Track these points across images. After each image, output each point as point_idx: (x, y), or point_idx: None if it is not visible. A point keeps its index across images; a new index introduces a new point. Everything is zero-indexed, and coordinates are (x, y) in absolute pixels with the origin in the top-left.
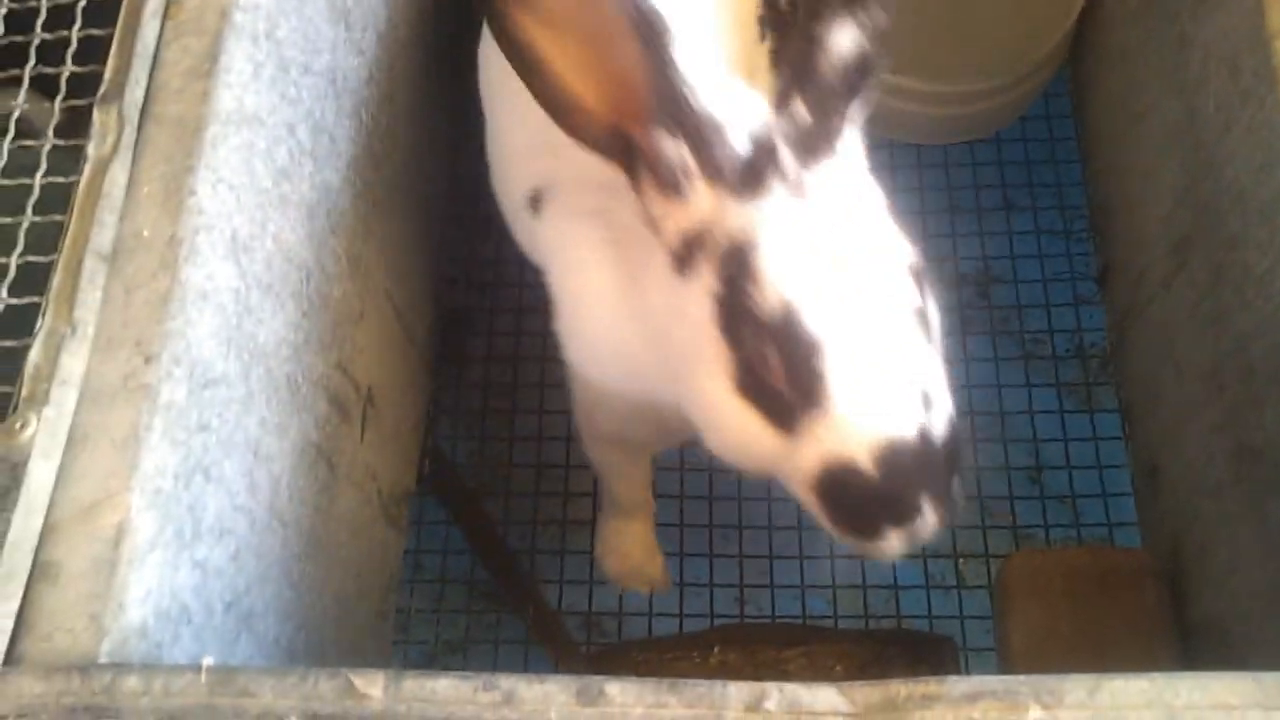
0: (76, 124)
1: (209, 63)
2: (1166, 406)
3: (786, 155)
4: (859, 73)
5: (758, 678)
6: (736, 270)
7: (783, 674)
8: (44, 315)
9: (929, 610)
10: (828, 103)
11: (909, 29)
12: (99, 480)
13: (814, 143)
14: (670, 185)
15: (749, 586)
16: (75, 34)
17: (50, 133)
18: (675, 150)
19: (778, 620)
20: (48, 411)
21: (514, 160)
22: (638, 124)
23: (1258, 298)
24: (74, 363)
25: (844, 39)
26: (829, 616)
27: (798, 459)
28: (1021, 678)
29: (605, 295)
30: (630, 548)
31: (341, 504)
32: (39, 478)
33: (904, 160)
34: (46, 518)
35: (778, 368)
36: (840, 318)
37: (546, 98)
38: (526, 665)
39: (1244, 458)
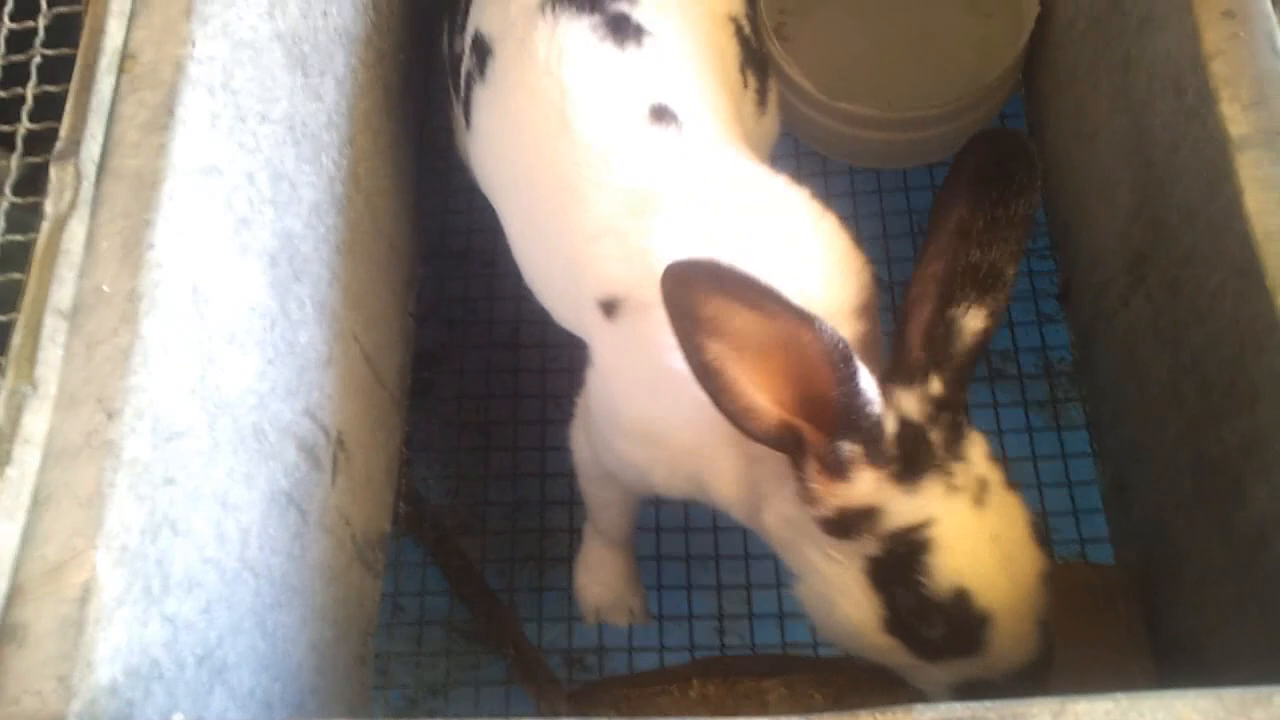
0: (34, 181)
1: (165, 116)
2: (1131, 422)
3: (937, 439)
4: (980, 354)
5: (738, 709)
6: (905, 553)
7: (763, 705)
8: (5, 374)
9: None
10: (960, 381)
11: (865, 57)
12: (64, 539)
13: (958, 422)
14: (836, 473)
15: (728, 617)
16: (31, 91)
17: (8, 190)
18: (849, 448)
19: (757, 650)
20: (10, 471)
21: (564, 261)
22: (821, 428)
23: (1210, 312)
24: (36, 421)
25: (976, 323)
26: (809, 644)
27: (933, 672)
28: (987, 703)
29: (670, 420)
30: (611, 578)
31: (314, 551)
32: (3, 539)
33: (864, 186)
34: (12, 579)
35: (941, 630)
36: (1003, 592)
37: (725, 406)
38: (508, 706)
39: (1206, 471)
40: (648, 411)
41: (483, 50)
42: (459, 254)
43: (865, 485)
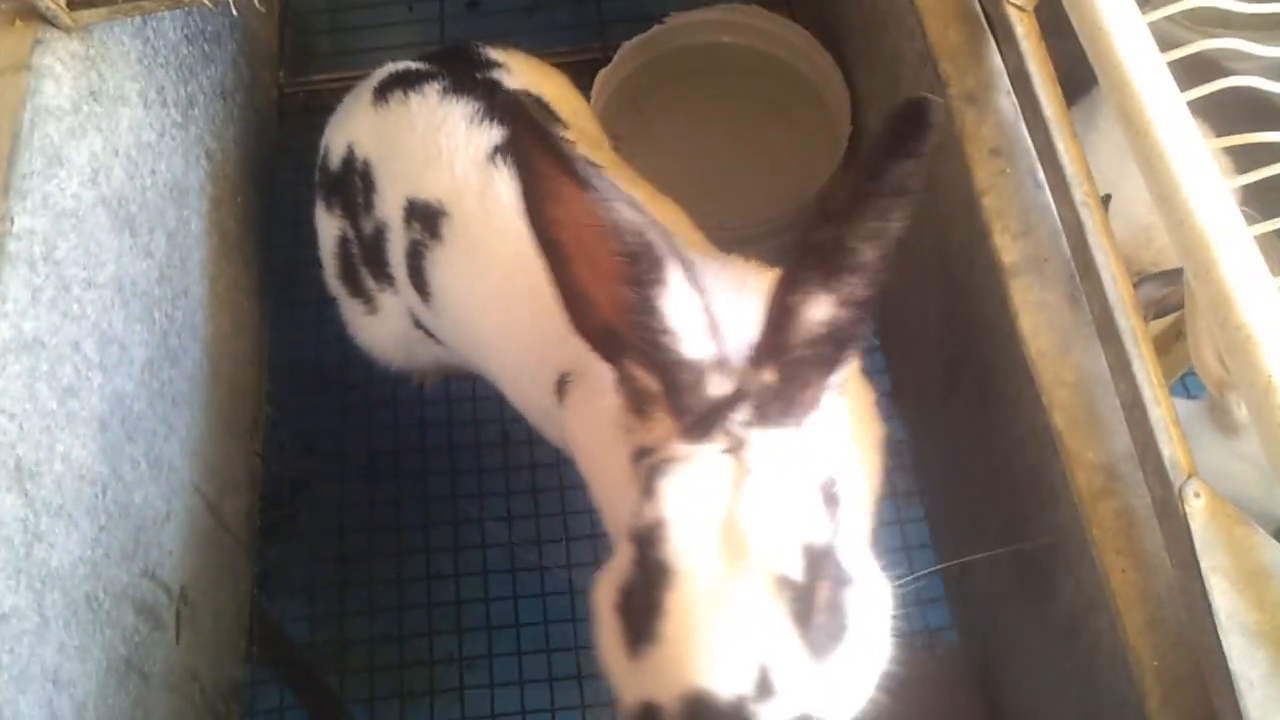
0: None
1: None
2: (959, 517)
3: (742, 416)
4: (834, 345)
5: None
6: (644, 484)
7: None
8: None
9: None
10: (797, 373)
11: (695, 176)
12: None
13: (772, 410)
14: (639, 407)
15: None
16: None
17: None
18: (647, 380)
19: None
20: None
21: (535, 355)
22: (623, 341)
23: (1014, 418)
24: None
25: (819, 312)
26: None
27: (628, 689)
28: None
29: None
30: None
31: (159, 712)
32: None
33: None
34: None
35: (638, 587)
36: (704, 564)
37: (563, 286)
38: None
39: (1023, 566)
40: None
41: (429, 215)
42: (312, 388)
43: (659, 429)
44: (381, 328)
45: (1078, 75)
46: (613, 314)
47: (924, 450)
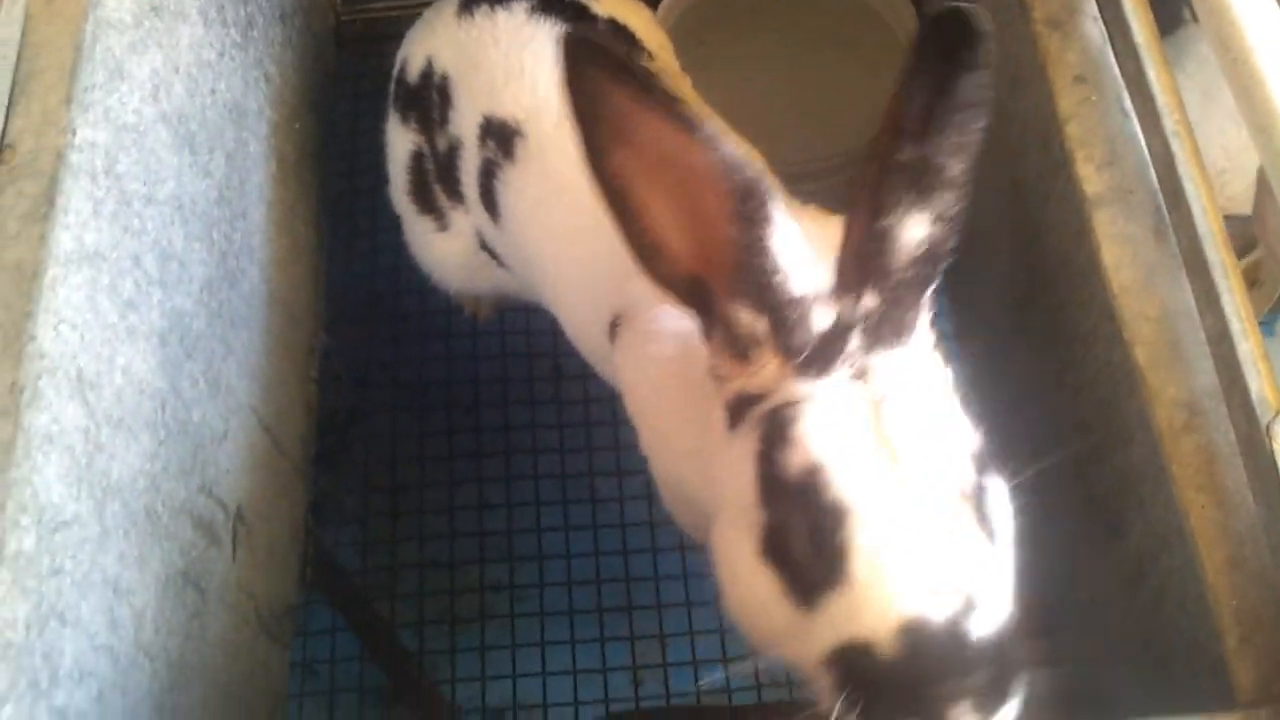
0: None
1: (45, 205)
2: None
3: (856, 343)
4: (930, 263)
5: None
6: (774, 433)
7: None
8: None
9: None
10: (899, 295)
11: (759, 113)
12: None
13: (883, 333)
14: (741, 352)
15: (642, 667)
16: None
17: None
18: (753, 323)
19: (673, 699)
20: None
21: (591, 293)
22: (722, 286)
23: (1086, 356)
24: None
25: (917, 231)
26: (723, 690)
27: (812, 637)
28: None
29: (673, 423)
30: None
31: (215, 628)
32: None
33: None
34: None
35: (801, 535)
36: (877, 496)
37: (633, 237)
38: None
39: (1089, 506)
40: (668, 436)
41: (505, 135)
42: (369, 319)
43: (767, 372)
44: (449, 246)
45: (1163, 16)
46: (703, 260)
47: (987, 392)
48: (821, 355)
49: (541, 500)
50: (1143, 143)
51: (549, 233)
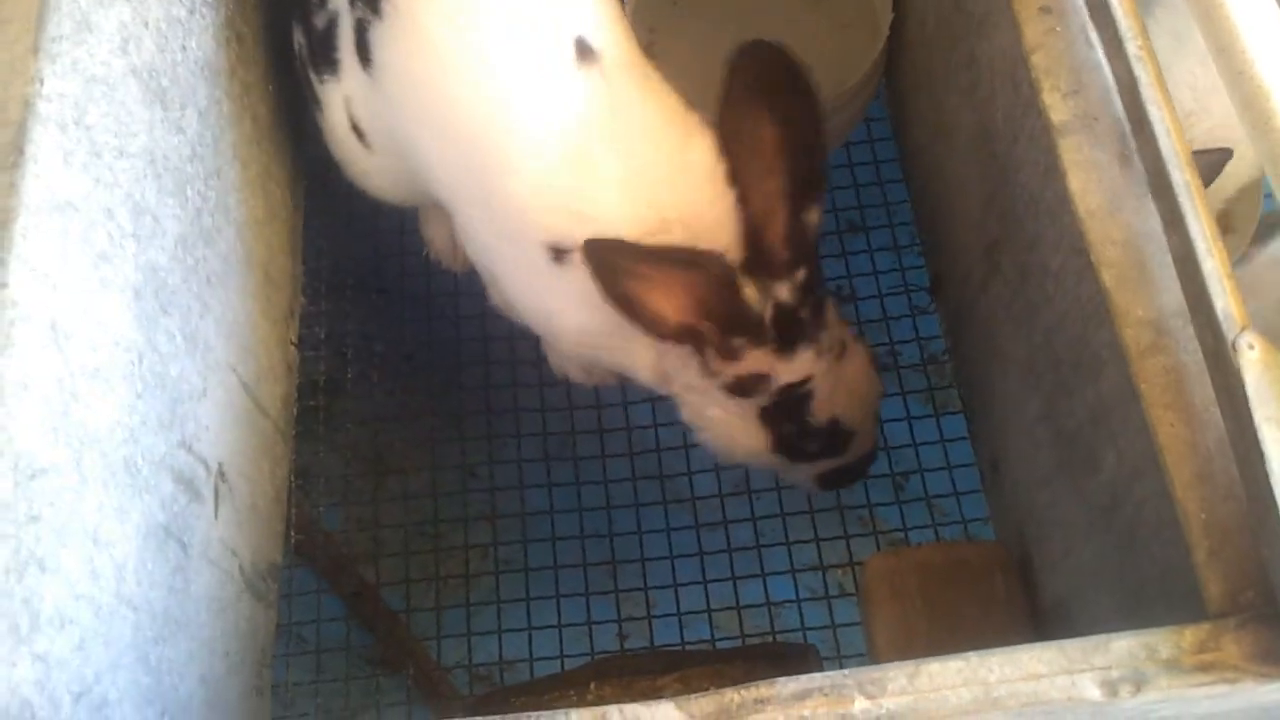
0: None
1: (14, 154)
2: (997, 403)
3: (806, 316)
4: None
5: None
6: (792, 402)
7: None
8: None
9: (802, 624)
10: (817, 265)
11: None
12: None
13: (818, 300)
14: (730, 356)
15: (627, 620)
16: None
17: None
18: (738, 340)
19: (657, 650)
20: None
21: (513, 201)
22: (711, 326)
23: (1056, 293)
24: None
25: (815, 217)
26: (707, 640)
27: (806, 470)
28: (845, 671)
29: (608, 329)
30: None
31: (199, 583)
32: None
33: None
34: None
35: (817, 445)
36: (860, 412)
37: (640, 322)
38: None
39: (1062, 443)
40: (589, 328)
41: None
42: (348, 284)
43: (754, 361)
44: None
45: None
46: (693, 318)
47: (961, 342)
48: (787, 335)
49: (524, 459)
50: (1107, 71)
51: (429, 95)
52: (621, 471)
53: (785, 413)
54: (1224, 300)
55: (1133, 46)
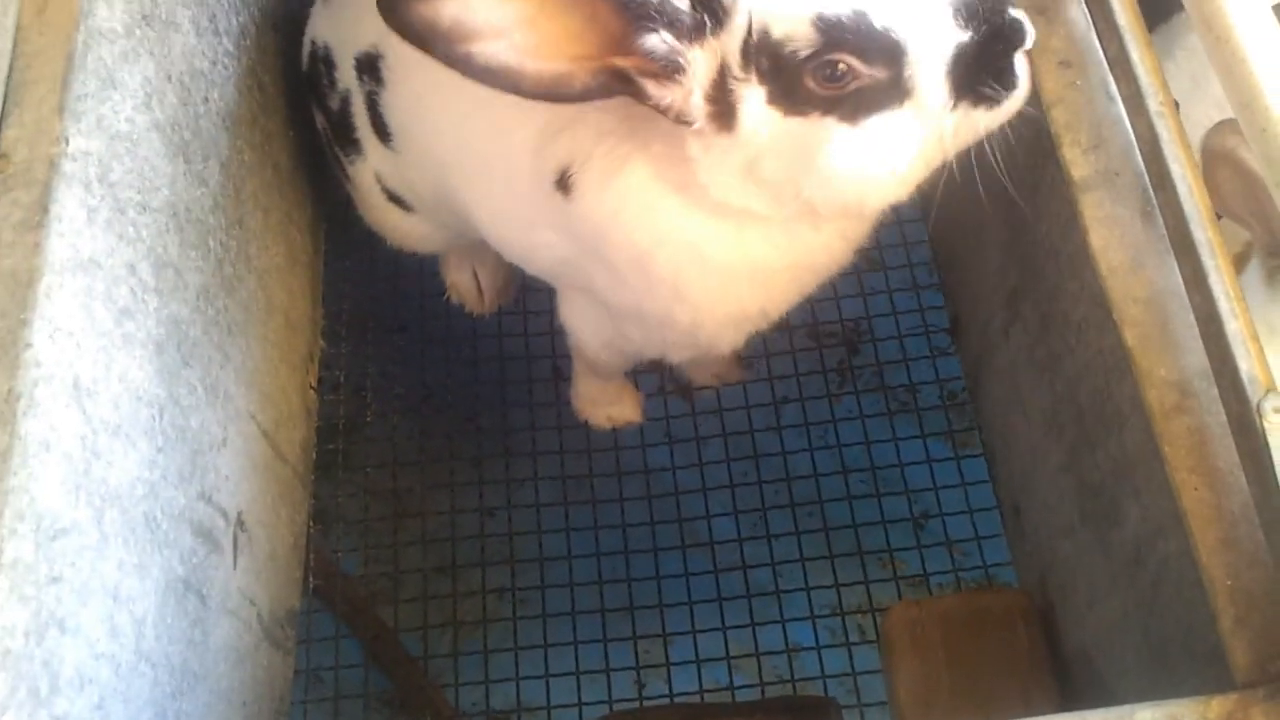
0: None
1: (39, 214)
2: (1020, 449)
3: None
4: None
5: None
6: (775, 51)
7: None
8: None
9: (822, 670)
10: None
11: None
12: None
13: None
14: (672, 69)
15: (645, 667)
16: None
17: None
18: (661, 41)
19: (676, 699)
20: None
21: (520, 162)
22: (620, 48)
23: (1078, 344)
24: None
25: None
26: (725, 687)
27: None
28: None
29: (675, 221)
30: (613, 393)
31: (217, 635)
32: None
33: None
34: None
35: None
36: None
37: (538, 88)
38: None
39: (1086, 494)
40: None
41: (370, 65)
42: (369, 326)
43: (699, 62)
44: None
45: (1153, 5)
46: (597, 54)
47: (982, 385)
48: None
49: (542, 503)
50: (1128, 125)
51: (448, 127)
52: (639, 515)
53: (818, 76)
54: (1248, 363)
55: (1154, 103)
